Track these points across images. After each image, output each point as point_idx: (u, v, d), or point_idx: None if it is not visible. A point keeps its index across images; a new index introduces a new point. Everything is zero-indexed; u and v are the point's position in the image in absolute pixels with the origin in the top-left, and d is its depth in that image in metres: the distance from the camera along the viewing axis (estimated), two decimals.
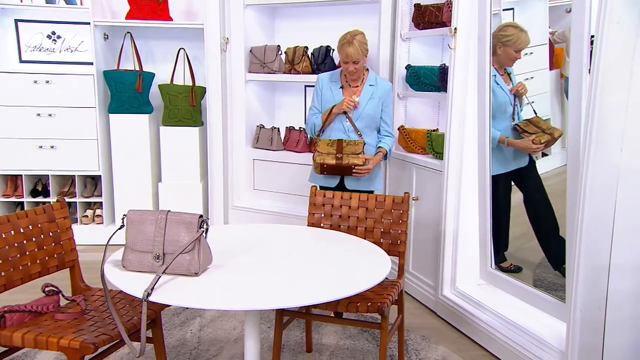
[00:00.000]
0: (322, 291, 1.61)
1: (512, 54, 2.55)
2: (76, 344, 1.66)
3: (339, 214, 2.38)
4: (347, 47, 2.65)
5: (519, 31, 2.55)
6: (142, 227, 1.68)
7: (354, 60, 2.66)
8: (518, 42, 2.53)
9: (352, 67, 2.68)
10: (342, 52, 2.67)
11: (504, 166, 2.70)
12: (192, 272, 1.65)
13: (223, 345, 2.52)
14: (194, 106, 3.96)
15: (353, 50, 2.64)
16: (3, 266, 1.82)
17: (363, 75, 2.79)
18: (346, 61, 2.69)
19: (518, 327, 2.40)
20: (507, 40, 2.54)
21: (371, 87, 2.77)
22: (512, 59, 2.56)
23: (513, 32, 2.55)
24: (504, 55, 2.57)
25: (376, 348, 2.53)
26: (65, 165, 3.90)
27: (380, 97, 2.76)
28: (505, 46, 2.54)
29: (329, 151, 2.74)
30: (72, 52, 4.03)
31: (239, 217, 4.02)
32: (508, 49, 2.54)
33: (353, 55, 2.65)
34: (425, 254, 3.03)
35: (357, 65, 2.69)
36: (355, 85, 2.78)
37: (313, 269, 1.79)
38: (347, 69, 2.70)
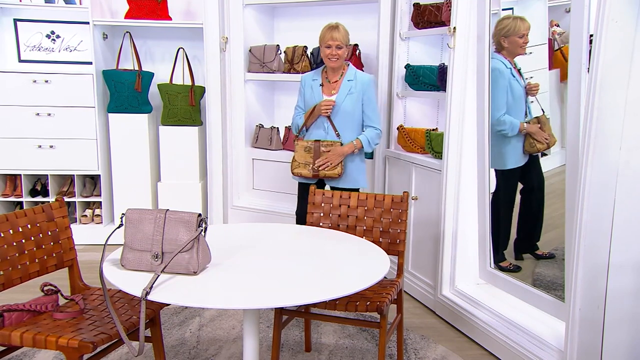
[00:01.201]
0: (321, 290, 1.61)
1: (517, 41, 2.57)
2: (75, 343, 1.66)
3: (338, 213, 2.38)
4: (332, 31, 2.67)
5: (513, 19, 2.59)
6: (141, 226, 1.68)
7: (338, 43, 2.67)
8: (516, 28, 2.57)
9: (334, 51, 2.68)
10: (328, 35, 2.68)
11: (518, 160, 2.68)
12: (191, 271, 1.65)
13: (222, 345, 2.52)
14: (193, 106, 3.96)
15: (338, 34, 2.66)
16: (2, 265, 1.82)
17: (343, 69, 2.79)
18: (329, 45, 2.68)
19: (517, 326, 2.40)
20: (507, 30, 2.57)
21: (350, 82, 2.76)
22: (519, 45, 2.58)
23: (508, 22, 2.60)
24: (511, 45, 2.58)
25: (375, 347, 2.53)
26: (64, 164, 3.89)
27: (359, 91, 2.74)
28: (507, 37, 2.56)
29: (306, 160, 2.76)
30: (71, 52, 4.03)
31: (238, 216, 4.02)
32: (512, 38, 2.57)
33: (338, 38, 2.66)
34: (424, 254, 3.03)
35: (339, 51, 2.69)
36: (334, 81, 2.78)
37: (312, 268, 1.79)
38: (330, 53, 2.70)
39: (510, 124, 2.61)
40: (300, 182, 2.87)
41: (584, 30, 2.00)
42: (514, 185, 2.76)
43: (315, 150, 2.74)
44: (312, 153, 2.74)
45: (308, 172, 2.75)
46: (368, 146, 2.78)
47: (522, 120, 2.65)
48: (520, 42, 2.56)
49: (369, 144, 2.77)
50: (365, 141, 2.76)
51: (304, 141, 2.80)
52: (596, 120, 1.86)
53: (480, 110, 2.70)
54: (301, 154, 2.77)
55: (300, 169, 2.77)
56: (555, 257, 2.72)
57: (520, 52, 2.59)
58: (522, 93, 2.61)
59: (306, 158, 2.75)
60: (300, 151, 2.78)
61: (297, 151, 2.79)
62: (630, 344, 1.97)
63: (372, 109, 2.78)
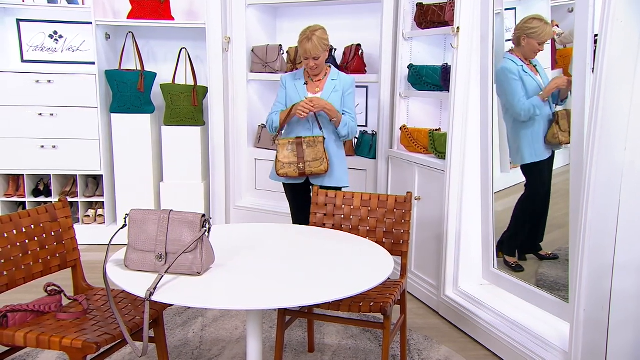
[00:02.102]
0: (325, 291, 1.60)
1: (535, 46, 2.54)
2: (78, 343, 1.66)
3: (341, 214, 2.38)
4: (305, 43, 2.65)
5: (544, 24, 2.54)
6: (145, 227, 1.68)
7: (314, 56, 2.67)
8: (542, 34, 2.53)
9: (312, 62, 2.69)
10: (302, 47, 2.68)
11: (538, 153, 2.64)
12: (195, 272, 1.64)
13: (225, 345, 2.52)
14: (196, 106, 3.96)
15: (311, 46, 2.64)
16: (5, 265, 1.82)
17: (326, 70, 2.80)
18: (306, 57, 2.69)
19: (521, 327, 2.39)
20: (532, 32, 2.53)
21: (333, 81, 2.77)
22: (534, 51, 2.55)
23: (538, 24, 2.55)
24: (527, 47, 2.56)
25: (378, 348, 2.52)
26: (67, 165, 3.90)
27: (342, 88, 2.76)
28: (529, 38, 2.53)
29: (290, 160, 2.72)
30: (73, 52, 4.04)
31: (240, 216, 4.02)
32: (532, 41, 2.54)
33: (312, 51, 2.65)
34: (427, 254, 3.02)
35: (317, 61, 2.70)
36: (317, 80, 2.79)
37: (316, 268, 1.79)
38: (308, 65, 2.71)
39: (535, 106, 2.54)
40: (286, 183, 2.85)
41: (588, 30, 1.99)
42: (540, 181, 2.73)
43: (298, 148, 2.70)
44: (296, 152, 2.71)
45: (294, 172, 2.71)
46: (344, 126, 2.72)
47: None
48: (537, 49, 2.54)
49: (345, 125, 2.72)
50: (344, 120, 2.72)
51: (284, 139, 2.75)
52: (601, 120, 1.85)
53: (484, 110, 2.69)
54: (284, 154, 2.73)
55: (286, 169, 2.72)
56: (559, 257, 2.71)
57: (531, 57, 2.57)
58: (537, 89, 2.59)
59: (290, 157, 2.72)
60: (283, 151, 2.73)
61: (280, 151, 2.74)
62: (635, 345, 1.96)
63: (349, 104, 2.77)
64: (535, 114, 2.55)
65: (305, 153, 2.70)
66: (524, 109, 2.55)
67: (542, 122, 2.61)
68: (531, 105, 2.53)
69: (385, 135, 3.38)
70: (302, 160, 2.70)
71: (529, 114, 2.56)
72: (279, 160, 2.75)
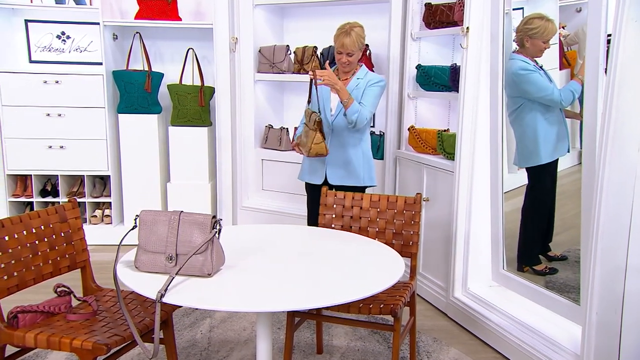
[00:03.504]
0: (335, 293, 1.59)
1: (540, 45, 2.50)
2: (89, 345, 1.65)
3: (350, 215, 2.37)
4: (343, 37, 2.60)
5: (545, 21, 2.50)
6: (155, 228, 1.67)
7: (349, 51, 2.62)
8: (545, 32, 2.48)
9: (345, 58, 2.63)
10: (338, 41, 2.62)
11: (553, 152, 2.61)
12: (205, 273, 1.64)
13: (233, 347, 2.51)
14: (203, 106, 3.96)
15: (349, 41, 2.59)
16: (16, 266, 1.82)
17: (355, 69, 2.75)
18: (340, 51, 2.63)
19: (531, 329, 2.37)
20: (534, 32, 2.49)
21: (358, 80, 2.71)
22: (540, 49, 2.51)
23: (539, 23, 2.51)
24: (532, 48, 2.52)
25: (387, 350, 2.51)
26: (74, 165, 3.90)
27: (364, 85, 2.67)
28: (532, 38, 2.49)
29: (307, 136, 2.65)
30: (81, 52, 4.04)
31: (247, 217, 4.01)
32: (536, 41, 2.50)
33: (349, 45, 2.59)
34: (435, 255, 3.00)
35: (350, 58, 2.64)
36: (344, 78, 2.74)
37: (326, 270, 1.78)
38: (340, 60, 2.65)
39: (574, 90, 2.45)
40: (309, 183, 2.82)
41: (601, 30, 1.97)
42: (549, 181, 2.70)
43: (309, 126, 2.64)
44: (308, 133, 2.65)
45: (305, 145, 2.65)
46: (354, 112, 2.58)
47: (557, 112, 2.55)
48: (543, 47, 2.50)
49: (356, 112, 2.58)
50: (355, 106, 2.59)
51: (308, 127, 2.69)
52: (614, 121, 1.83)
53: (493, 110, 2.68)
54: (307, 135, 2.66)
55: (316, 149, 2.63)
56: (568, 259, 2.69)
57: (538, 56, 2.54)
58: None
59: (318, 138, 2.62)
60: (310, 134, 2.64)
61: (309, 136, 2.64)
62: None
63: (367, 99, 2.65)
64: (575, 97, 2.46)
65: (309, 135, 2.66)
66: (565, 95, 2.47)
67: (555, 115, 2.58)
68: (569, 90, 2.46)
69: (392, 135, 3.36)
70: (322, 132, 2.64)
71: (569, 98, 2.47)
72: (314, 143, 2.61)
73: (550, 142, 2.62)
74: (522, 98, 2.61)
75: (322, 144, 2.61)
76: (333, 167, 2.76)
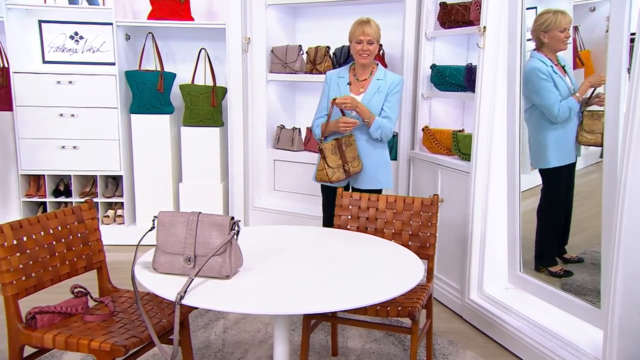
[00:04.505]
0: (355, 296, 1.58)
1: (559, 36, 2.47)
2: (107, 346, 1.65)
3: (365, 216, 2.35)
4: (364, 25, 2.61)
5: (553, 13, 2.49)
6: (173, 229, 1.66)
7: (369, 39, 2.60)
8: (557, 22, 2.46)
9: (365, 46, 2.61)
10: (358, 30, 2.61)
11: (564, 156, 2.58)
12: (224, 275, 1.62)
13: (248, 348, 2.50)
14: (215, 106, 3.96)
15: (371, 29, 2.60)
16: (34, 267, 1.81)
17: (372, 68, 2.72)
18: (360, 40, 2.61)
19: (550, 332, 2.34)
20: (547, 25, 2.47)
21: (379, 81, 2.68)
22: (561, 39, 2.48)
23: (548, 16, 2.50)
24: (552, 41, 2.49)
25: (403, 352, 2.49)
26: (87, 165, 3.91)
27: (386, 89, 2.66)
28: (548, 32, 2.47)
29: (337, 163, 2.65)
30: (94, 53, 4.05)
31: (259, 217, 4.00)
32: (552, 33, 2.47)
33: (370, 33, 2.60)
34: (450, 257, 2.97)
35: (371, 47, 2.62)
36: (363, 79, 2.71)
37: (344, 272, 1.76)
38: (361, 49, 2.62)
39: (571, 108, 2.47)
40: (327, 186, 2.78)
41: (624, 29, 1.94)
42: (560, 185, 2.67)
43: (340, 150, 2.66)
44: (338, 154, 2.67)
45: (342, 175, 2.66)
46: (377, 129, 2.61)
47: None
48: (562, 37, 2.46)
49: (379, 128, 2.62)
50: (378, 122, 2.62)
51: (328, 143, 2.67)
52: (638, 121, 1.80)
53: (510, 110, 2.64)
54: (332, 159, 2.65)
55: (337, 174, 2.65)
56: (584, 261, 2.65)
57: (562, 48, 2.49)
58: (567, 91, 2.52)
59: (337, 161, 2.65)
60: (330, 155, 2.65)
61: (328, 156, 2.64)
62: None
63: (390, 105, 2.67)
64: (571, 116, 2.49)
65: (346, 154, 2.67)
66: (562, 111, 2.49)
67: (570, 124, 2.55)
68: (567, 106, 2.47)
69: (406, 136, 3.34)
70: (345, 162, 2.66)
71: (565, 116, 2.49)
72: (329, 166, 2.63)
73: (562, 147, 2.59)
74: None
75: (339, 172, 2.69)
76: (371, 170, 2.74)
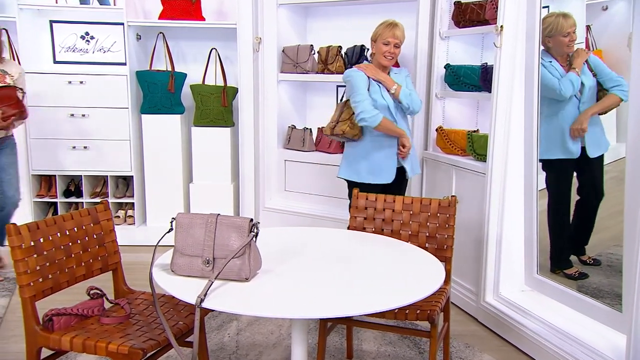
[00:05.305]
0: (376, 300, 1.55)
1: (562, 40, 2.49)
2: (125, 349, 1.63)
3: (382, 218, 2.32)
4: (392, 28, 2.66)
5: (555, 17, 2.50)
6: (192, 231, 1.64)
7: (397, 42, 2.67)
8: (559, 26, 2.48)
9: (392, 49, 2.67)
10: (387, 32, 2.66)
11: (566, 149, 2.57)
12: (243, 278, 1.60)
13: (262, 350, 2.48)
14: (226, 107, 3.94)
15: (400, 32, 2.67)
16: (50, 269, 1.80)
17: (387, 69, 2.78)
18: (388, 42, 2.66)
19: (569, 336, 2.30)
20: (550, 30, 2.49)
21: (396, 75, 2.77)
22: (565, 44, 2.49)
23: (550, 20, 2.52)
24: (556, 45, 2.50)
25: (418, 355, 2.46)
26: (98, 165, 3.90)
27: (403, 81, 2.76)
28: (551, 37, 2.47)
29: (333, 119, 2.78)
30: (104, 53, 4.04)
31: (270, 218, 3.98)
32: (556, 38, 2.49)
33: (399, 36, 2.66)
34: (465, 259, 2.94)
35: (397, 50, 2.69)
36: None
37: (364, 275, 1.73)
38: (387, 51, 2.67)
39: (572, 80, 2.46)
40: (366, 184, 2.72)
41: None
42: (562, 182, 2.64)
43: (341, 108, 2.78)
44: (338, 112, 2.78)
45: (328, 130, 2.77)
46: (406, 96, 2.68)
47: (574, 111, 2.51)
48: (566, 41, 2.47)
49: (408, 94, 2.70)
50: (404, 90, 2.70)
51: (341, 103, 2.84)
52: None
53: (528, 110, 2.61)
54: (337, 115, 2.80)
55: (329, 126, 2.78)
56: (601, 263, 2.61)
57: (567, 51, 2.50)
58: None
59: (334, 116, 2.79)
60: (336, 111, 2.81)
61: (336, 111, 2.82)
62: None
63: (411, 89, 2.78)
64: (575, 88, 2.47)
65: (342, 114, 2.73)
66: (564, 85, 2.48)
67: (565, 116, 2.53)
68: (568, 80, 2.47)
69: (420, 136, 3.31)
70: (337, 120, 2.75)
71: (568, 90, 2.48)
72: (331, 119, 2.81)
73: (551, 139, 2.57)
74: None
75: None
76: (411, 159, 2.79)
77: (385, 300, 1.54)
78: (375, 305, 1.52)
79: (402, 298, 1.55)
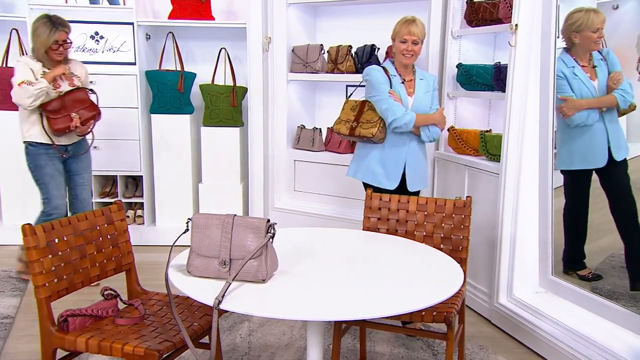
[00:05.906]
0: (394, 302, 1.53)
1: (591, 36, 2.40)
2: (140, 350, 1.62)
3: (396, 218, 2.30)
4: (410, 25, 2.58)
5: (585, 12, 2.42)
6: (208, 232, 1.63)
7: (415, 39, 2.57)
8: (589, 22, 2.39)
9: (410, 47, 2.57)
10: (404, 29, 2.57)
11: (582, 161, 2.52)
12: (260, 279, 1.59)
13: (274, 351, 2.47)
14: (235, 106, 3.93)
15: (418, 29, 2.59)
16: (65, 269, 1.79)
17: (412, 68, 2.70)
18: (405, 39, 2.57)
19: (585, 338, 2.27)
20: (578, 25, 2.41)
21: (422, 81, 2.67)
22: (593, 40, 2.41)
23: (580, 15, 2.43)
24: (584, 42, 2.42)
25: (432, 357, 2.44)
26: (107, 165, 3.90)
27: (430, 88, 2.69)
28: (580, 32, 2.40)
29: (348, 117, 2.70)
30: (114, 53, 4.03)
31: (279, 218, 3.95)
32: (584, 33, 2.40)
33: (416, 32, 2.57)
34: (478, 260, 2.92)
35: (415, 47, 2.60)
36: (409, 80, 2.67)
37: (380, 276, 1.71)
38: (406, 49, 2.57)
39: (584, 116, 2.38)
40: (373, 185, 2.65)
41: None
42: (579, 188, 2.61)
43: (360, 110, 2.68)
44: (355, 112, 2.69)
45: (345, 129, 2.68)
46: (427, 133, 2.60)
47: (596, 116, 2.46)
48: (595, 37, 2.39)
49: (429, 132, 2.62)
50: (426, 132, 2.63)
51: (352, 100, 2.77)
52: None
53: (543, 110, 2.58)
54: (346, 113, 2.73)
55: (340, 125, 2.72)
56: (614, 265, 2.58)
57: (594, 48, 2.43)
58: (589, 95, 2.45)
59: (349, 116, 2.70)
60: (347, 110, 2.74)
61: (345, 109, 2.75)
62: None
63: (436, 105, 2.71)
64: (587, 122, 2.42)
65: (363, 115, 2.65)
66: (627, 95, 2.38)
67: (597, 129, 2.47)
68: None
69: None
70: (356, 120, 2.66)
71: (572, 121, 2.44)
72: (340, 118, 2.74)
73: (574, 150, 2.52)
74: None
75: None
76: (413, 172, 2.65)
77: (405, 303, 1.52)
78: (393, 308, 1.50)
79: (421, 300, 1.53)
